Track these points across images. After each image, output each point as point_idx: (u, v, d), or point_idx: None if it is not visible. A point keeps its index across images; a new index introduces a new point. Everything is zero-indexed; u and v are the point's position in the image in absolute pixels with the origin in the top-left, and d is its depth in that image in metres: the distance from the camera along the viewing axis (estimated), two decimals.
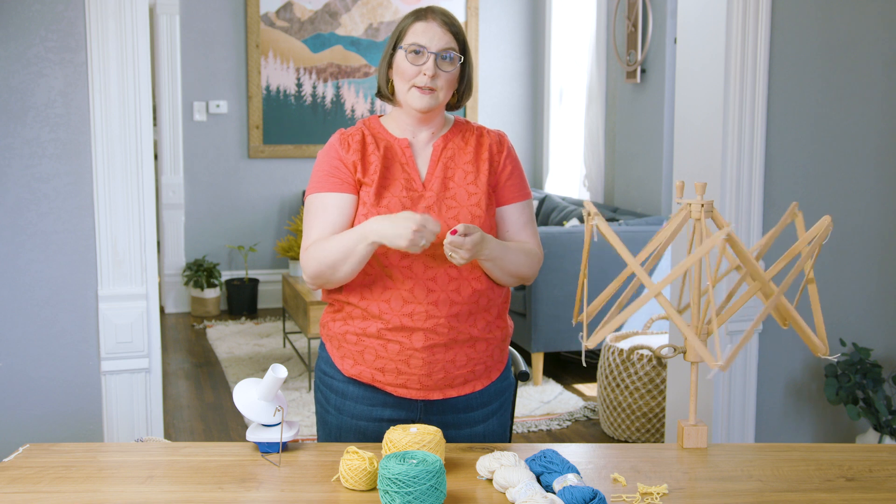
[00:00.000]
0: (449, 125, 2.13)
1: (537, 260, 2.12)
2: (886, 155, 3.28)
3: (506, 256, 2.01)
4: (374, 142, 2.07)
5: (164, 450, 1.99)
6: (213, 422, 4.54)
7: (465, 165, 2.07)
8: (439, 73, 2.01)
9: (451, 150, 2.08)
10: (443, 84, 2.02)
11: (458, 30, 2.05)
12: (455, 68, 2.03)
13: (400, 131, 2.10)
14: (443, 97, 2.04)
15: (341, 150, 2.06)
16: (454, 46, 2.02)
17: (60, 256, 2.72)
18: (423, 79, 2.00)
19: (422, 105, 2.03)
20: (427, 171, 2.06)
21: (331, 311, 2.12)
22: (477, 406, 2.11)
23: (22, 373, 2.73)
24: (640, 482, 1.80)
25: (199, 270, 6.56)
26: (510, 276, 2.07)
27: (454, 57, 2.02)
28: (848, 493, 1.79)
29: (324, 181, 2.05)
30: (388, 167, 2.05)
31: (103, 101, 2.69)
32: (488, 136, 2.12)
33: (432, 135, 2.10)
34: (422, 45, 2.00)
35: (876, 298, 3.35)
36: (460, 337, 2.02)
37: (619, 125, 6.19)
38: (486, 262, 2.00)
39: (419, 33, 2.01)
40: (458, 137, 2.11)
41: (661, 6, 5.61)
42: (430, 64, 2.00)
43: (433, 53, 2.00)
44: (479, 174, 2.06)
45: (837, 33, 3.19)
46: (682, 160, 3.29)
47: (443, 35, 2.01)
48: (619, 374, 4.17)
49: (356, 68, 6.95)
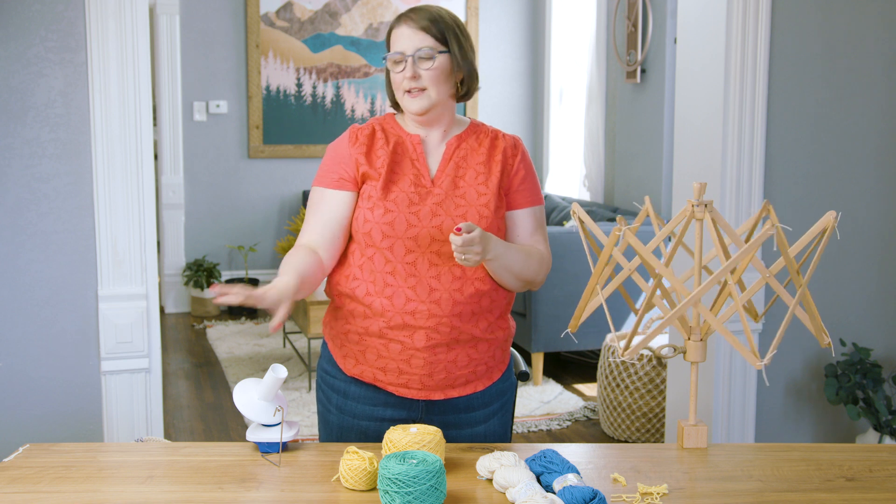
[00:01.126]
0: (464, 126, 2.13)
1: (544, 264, 2.11)
2: (887, 155, 3.28)
3: (508, 255, 2.00)
4: (385, 136, 2.08)
5: (164, 450, 1.99)
6: (213, 422, 4.54)
7: (476, 166, 2.07)
8: (420, 74, 2.01)
9: (464, 150, 2.08)
10: (429, 82, 2.02)
11: (435, 26, 2.02)
12: (434, 63, 2.01)
13: (413, 129, 2.11)
14: (436, 95, 2.03)
15: (348, 144, 2.07)
16: (429, 44, 2.01)
17: (60, 256, 2.72)
18: (408, 82, 2.02)
19: (416, 108, 2.03)
20: (438, 168, 2.06)
21: (333, 308, 2.12)
22: (478, 406, 2.11)
23: (22, 373, 2.73)
24: (640, 482, 1.80)
25: (199, 270, 6.56)
26: (515, 279, 2.05)
27: (429, 53, 2.01)
28: (848, 493, 1.79)
29: (325, 175, 2.08)
30: (398, 162, 2.05)
31: (103, 101, 2.69)
32: (503, 139, 2.11)
33: (444, 133, 2.10)
34: (398, 51, 2.02)
35: (876, 298, 3.35)
36: (462, 337, 2.02)
37: (619, 125, 6.19)
38: (491, 263, 1.99)
39: (395, 41, 2.03)
40: (473, 139, 2.10)
41: (661, 6, 5.61)
42: (408, 67, 2.01)
43: (410, 56, 2.01)
44: (490, 176, 2.06)
45: (837, 33, 3.19)
46: (682, 160, 3.29)
47: (413, 35, 2.01)
48: (619, 374, 4.17)
49: (356, 68, 6.95)
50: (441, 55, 2.02)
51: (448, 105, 2.09)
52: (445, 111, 2.09)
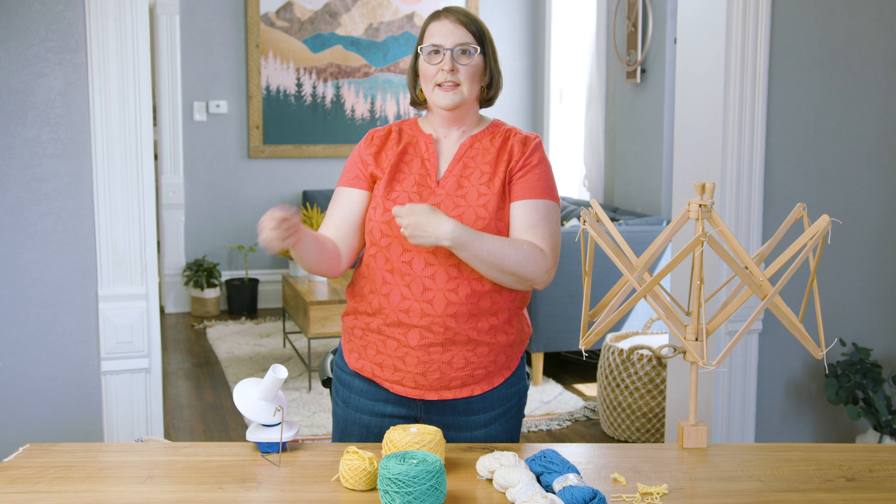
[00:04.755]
0: (483, 125, 2.13)
1: (538, 259, 1.97)
2: (886, 155, 3.28)
3: (478, 243, 1.91)
4: (398, 137, 2.12)
5: (164, 450, 1.99)
6: (213, 422, 4.54)
7: (483, 166, 2.06)
8: (458, 68, 2.03)
9: (475, 150, 2.08)
10: (464, 78, 2.04)
11: (473, 25, 2.06)
12: (473, 61, 2.04)
13: (431, 130, 2.12)
14: (467, 92, 2.05)
15: (363, 146, 2.13)
16: (469, 41, 2.04)
17: (60, 256, 2.72)
18: (443, 75, 2.03)
19: (447, 102, 2.04)
20: (446, 168, 2.07)
21: (348, 304, 2.16)
22: (478, 410, 2.09)
23: (22, 373, 2.73)
24: (640, 482, 1.80)
25: (199, 270, 6.56)
26: (496, 270, 1.95)
27: (470, 50, 2.04)
28: (848, 493, 1.79)
29: (343, 175, 2.14)
30: (407, 162, 2.07)
31: (103, 101, 2.69)
32: (515, 137, 2.08)
33: (462, 133, 2.10)
34: (437, 44, 2.03)
35: (876, 298, 3.35)
36: (458, 338, 2.01)
37: (619, 125, 6.20)
38: (460, 251, 1.91)
39: (434, 33, 2.05)
40: (487, 139, 2.10)
41: (661, 6, 5.62)
42: (446, 60, 2.02)
43: (448, 49, 2.02)
44: (494, 176, 2.04)
45: (837, 33, 3.19)
46: (682, 160, 3.29)
47: (455, 30, 2.03)
48: (619, 374, 4.17)
49: (356, 68, 6.95)
50: (478, 54, 2.05)
51: (473, 106, 2.11)
52: (470, 111, 2.10)
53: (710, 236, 1.84)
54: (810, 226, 1.97)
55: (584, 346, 1.95)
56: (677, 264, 1.88)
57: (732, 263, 1.88)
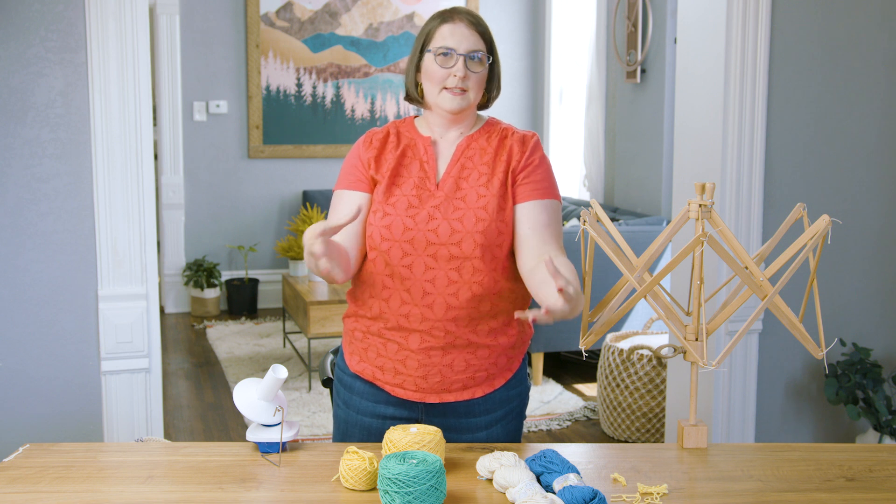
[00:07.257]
0: (479, 125, 2.11)
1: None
2: (887, 155, 3.28)
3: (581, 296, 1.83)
4: (397, 139, 2.08)
5: (164, 450, 1.99)
6: (213, 422, 4.54)
7: (481, 166, 2.04)
8: (469, 74, 2.00)
9: (472, 151, 2.06)
10: (473, 85, 2.01)
11: (484, 30, 2.04)
12: (484, 68, 2.02)
13: (429, 131, 2.09)
14: (473, 97, 2.03)
15: (362, 148, 2.09)
16: (482, 47, 2.01)
17: (60, 256, 2.72)
18: (454, 80, 2.00)
19: (453, 106, 2.02)
20: (445, 170, 2.05)
21: (349, 307, 2.14)
22: (480, 412, 2.09)
23: (22, 373, 2.73)
24: (640, 482, 1.80)
25: (199, 270, 6.56)
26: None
27: (482, 57, 2.01)
28: (848, 493, 1.79)
29: (343, 178, 2.09)
30: (406, 165, 2.05)
31: (103, 101, 2.69)
32: (512, 136, 2.07)
33: (460, 134, 2.08)
34: (450, 48, 1.99)
35: (876, 298, 3.35)
36: (458, 342, 2.00)
37: (619, 125, 6.19)
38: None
39: (447, 35, 2.00)
40: (483, 138, 2.08)
41: (661, 6, 5.61)
42: (459, 66, 1.99)
43: (462, 55, 1.99)
44: (493, 176, 2.02)
45: (837, 33, 3.19)
46: (682, 160, 3.29)
47: (470, 35, 2.00)
48: (619, 374, 4.17)
49: (356, 68, 6.95)
50: (488, 62, 2.03)
51: (474, 109, 2.10)
52: (471, 114, 2.09)
53: (710, 236, 1.84)
54: (810, 226, 1.97)
55: (584, 346, 1.95)
56: (677, 264, 1.88)
57: (732, 263, 1.88)
